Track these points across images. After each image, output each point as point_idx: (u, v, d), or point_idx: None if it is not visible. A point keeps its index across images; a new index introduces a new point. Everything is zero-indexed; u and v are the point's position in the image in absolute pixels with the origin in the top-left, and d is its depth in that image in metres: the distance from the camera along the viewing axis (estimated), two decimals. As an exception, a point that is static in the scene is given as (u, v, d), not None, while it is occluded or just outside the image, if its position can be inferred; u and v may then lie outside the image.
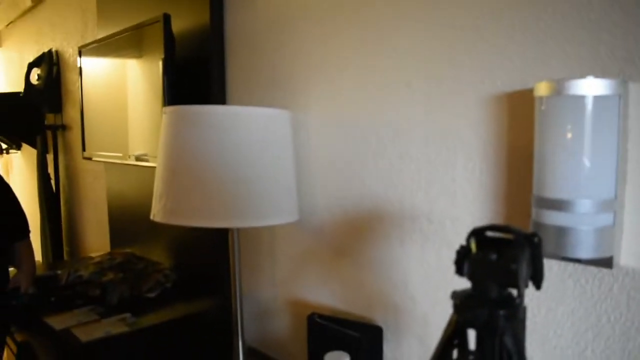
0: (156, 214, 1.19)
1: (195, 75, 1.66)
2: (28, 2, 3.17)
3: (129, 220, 2.20)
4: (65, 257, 3.00)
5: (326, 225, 1.34)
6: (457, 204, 1.06)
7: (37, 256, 3.22)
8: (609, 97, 0.77)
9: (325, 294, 1.37)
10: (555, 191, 0.81)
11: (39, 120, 2.97)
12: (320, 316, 1.26)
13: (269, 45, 1.45)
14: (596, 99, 0.77)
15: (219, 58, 1.59)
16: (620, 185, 0.81)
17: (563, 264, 0.91)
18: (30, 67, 2.91)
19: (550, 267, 0.93)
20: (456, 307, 0.65)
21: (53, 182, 2.97)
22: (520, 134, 0.95)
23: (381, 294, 1.23)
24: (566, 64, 0.88)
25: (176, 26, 1.64)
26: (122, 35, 1.86)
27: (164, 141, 1.19)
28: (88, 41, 2.27)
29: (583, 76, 0.77)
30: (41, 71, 2.89)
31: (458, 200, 1.06)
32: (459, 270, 0.66)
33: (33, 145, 3.01)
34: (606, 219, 0.80)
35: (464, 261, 0.66)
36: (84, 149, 2.27)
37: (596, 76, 0.77)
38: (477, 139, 1.02)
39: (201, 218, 1.15)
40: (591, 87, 0.77)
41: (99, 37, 2.12)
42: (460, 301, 0.65)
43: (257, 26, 1.49)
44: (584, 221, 0.79)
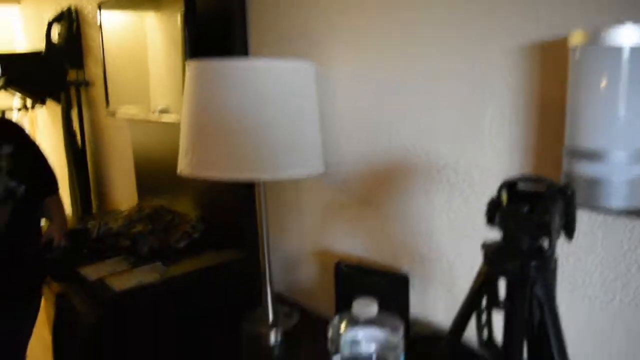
0: (183, 169, 1.21)
1: (216, 27, 1.63)
2: (44, -44, 3.13)
3: (154, 173, 2.23)
4: (95, 210, 3.07)
5: (351, 177, 1.35)
6: (485, 154, 1.05)
7: (67, 210, 3.30)
8: (647, 44, 0.74)
9: (351, 244, 1.39)
10: (588, 141, 0.80)
11: (61, 77, 2.98)
12: (347, 265, 1.28)
13: (291, -6, 1.42)
14: (633, 48, 0.74)
15: (240, 9, 1.56)
16: (655, 135, 0.79)
17: (593, 214, 0.91)
18: (50, 25, 2.91)
19: (580, 217, 0.92)
20: (487, 258, 0.66)
21: (79, 138, 3.00)
22: (552, 84, 0.93)
23: (407, 243, 1.24)
24: (602, 10, 0.85)
25: (196, -23, 1.61)
26: (141, -12, 1.84)
27: (188, 96, 1.19)
28: (107, -5, 2.24)
29: (621, 22, 0.74)
30: (61, 29, 2.88)
31: (486, 151, 1.05)
32: (490, 222, 0.66)
33: (57, 101, 3.04)
34: (639, 169, 0.78)
35: (495, 213, 0.66)
36: (107, 104, 2.28)
37: (635, 22, 0.74)
38: (507, 88, 1.00)
39: (227, 170, 1.16)
40: (628, 35, 0.74)
41: (117, -10, 2.10)
42: (492, 252, 0.65)
43: (278, -25, 1.45)
44: (616, 172, 0.78)
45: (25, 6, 3.94)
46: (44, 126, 3.83)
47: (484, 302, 0.67)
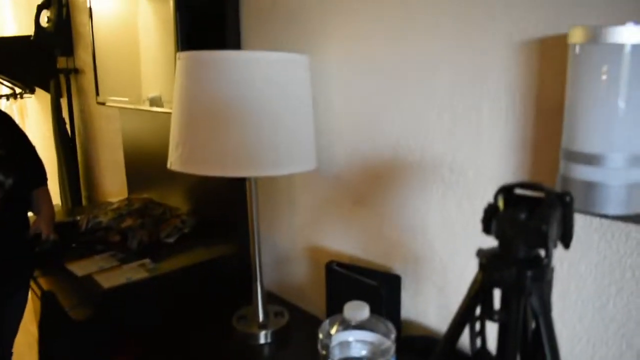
0: (173, 163, 1.18)
1: (209, 17, 1.60)
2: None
3: (145, 166, 2.20)
4: (84, 202, 3.04)
5: (345, 173, 1.33)
6: (480, 153, 1.03)
7: (56, 201, 3.27)
8: (649, 45, 0.72)
9: (343, 242, 1.37)
10: (586, 144, 0.78)
11: (51, 64, 2.94)
12: (339, 264, 1.26)
13: (285, -14, 1.39)
14: (635, 47, 0.72)
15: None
16: (654, 139, 0.78)
17: (589, 217, 0.89)
18: (39, 9, 2.85)
19: (575, 220, 0.91)
20: (482, 266, 0.64)
21: (68, 127, 2.97)
22: (550, 82, 0.91)
23: (400, 243, 1.22)
24: (603, 8, 0.82)
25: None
26: (132, -25, 1.80)
27: (179, 89, 1.16)
28: (97, -19, 2.20)
29: (622, 22, 0.73)
30: (51, 13, 2.83)
31: (482, 150, 1.03)
32: (487, 229, 0.64)
33: (46, 89, 3.00)
34: (638, 174, 0.77)
35: (491, 219, 0.64)
36: (97, 93, 2.24)
37: (637, 22, 0.72)
38: (505, 85, 0.97)
39: (218, 167, 1.14)
40: (630, 33, 0.72)
41: (108, -24, 2.05)
42: (487, 260, 0.64)
43: (272, -34, 1.42)
44: (614, 176, 0.76)
45: (15, -9, 3.87)
46: (34, 115, 3.78)
47: (478, 310, 0.66)
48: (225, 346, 1.27)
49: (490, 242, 0.64)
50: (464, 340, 0.66)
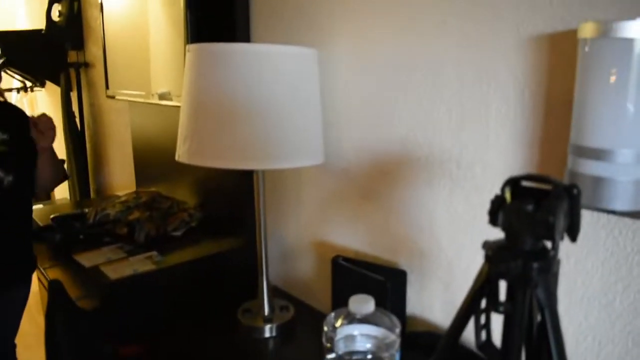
0: (181, 155, 1.19)
1: (219, 11, 1.60)
2: None
3: (153, 159, 2.21)
4: (92, 195, 3.06)
5: (352, 168, 1.33)
6: (488, 149, 1.03)
7: (65, 194, 3.29)
8: (660, 40, 0.72)
9: (349, 237, 1.37)
10: (595, 139, 0.78)
11: (61, 58, 2.95)
12: (345, 259, 1.26)
13: (295, -20, 1.39)
14: (646, 42, 0.72)
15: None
16: (664, 134, 0.77)
17: (596, 214, 0.89)
18: (51, 3, 2.87)
19: (582, 216, 0.90)
20: (488, 257, 0.64)
21: (78, 120, 2.98)
22: (559, 77, 0.90)
23: (406, 238, 1.22)
24: (613, 3, 0.82)
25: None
26: (143, -31, 1.81)
27: (188, 81, 1.17)
28: (108, -25, 2.21)
29: (632, 17, 0.72)
30: (62, 7, 2.85)
31: (490, 145, 1.03)
32: (493, 220, 0.64)
33: (57, 82, 3.01)
34: (647, 169, 0.76)
35: (498, 211, 0.64)
36: (107, 86, 2.26)
37: (646, 17, 0.72)
38: (513, 81, 0.97)
39: (226, 160, 1.14)
40: (641, 28, 0.72)
41: (119, -29, 2.06)
42: (493, 252, 0.63)
43: (282, -40, 1.42)
44: (623, 172, 0.76)
45: (28, -15, 3.90)
46: (44, 108, 3.81)
47: (484, 302, 0.66)
48: (231, 339, 1.27)
49: (497, 237, 0.64)
50: (470, 335, 0.65)
